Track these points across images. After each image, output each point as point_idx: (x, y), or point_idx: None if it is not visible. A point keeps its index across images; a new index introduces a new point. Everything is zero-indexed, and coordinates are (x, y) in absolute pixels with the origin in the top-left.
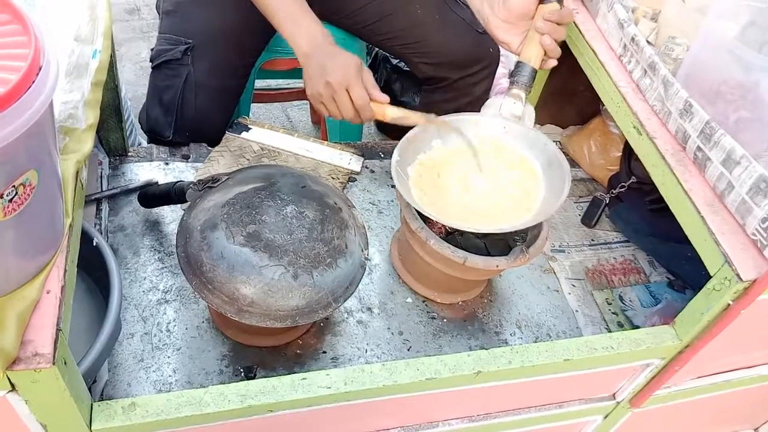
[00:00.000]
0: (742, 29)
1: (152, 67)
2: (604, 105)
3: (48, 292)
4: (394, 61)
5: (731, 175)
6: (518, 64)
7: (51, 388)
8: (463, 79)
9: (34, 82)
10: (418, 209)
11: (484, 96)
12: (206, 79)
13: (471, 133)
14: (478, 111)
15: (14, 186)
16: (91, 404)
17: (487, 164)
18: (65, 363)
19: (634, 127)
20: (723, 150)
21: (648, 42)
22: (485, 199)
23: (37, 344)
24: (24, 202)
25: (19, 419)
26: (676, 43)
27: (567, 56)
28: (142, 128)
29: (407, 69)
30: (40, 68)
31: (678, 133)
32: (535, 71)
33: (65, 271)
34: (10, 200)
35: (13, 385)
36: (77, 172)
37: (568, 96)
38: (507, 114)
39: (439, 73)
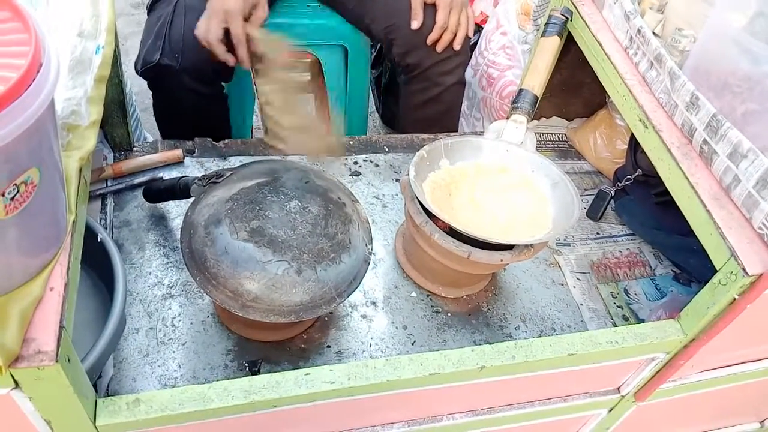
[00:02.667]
0: (749, 20)
1: (147, 12)
2: (609, 97)
3: (51, 290)
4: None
5: (738, 169)
6: (520, 91)
7: (54, 385)
8: (433, 68)
9: (34, 80)
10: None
11: (457, 87)
12: (197, 2)
13: (473, 158)
14: (452, 101)
15: (15, 184)
16: (96, 400)
17: (493, 186)
18: (68, 360)
19: (640, 120)
20: (730, 143)
21: (654, 34)
22: (497, 218)
23: (40, 342)
24: (26, 200)
25: (23, 416)
26: (683, 34)
27: (573, 48)
28: (137, 73)
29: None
30: (40, 66)
31: (684, 126)
32: (536, 98)
33: (68, 268)
34: (12, 198)
35: (16, 383)
36: (80, 169)
37: (574, 88)
38: (509, 139)
39: (412, 59)
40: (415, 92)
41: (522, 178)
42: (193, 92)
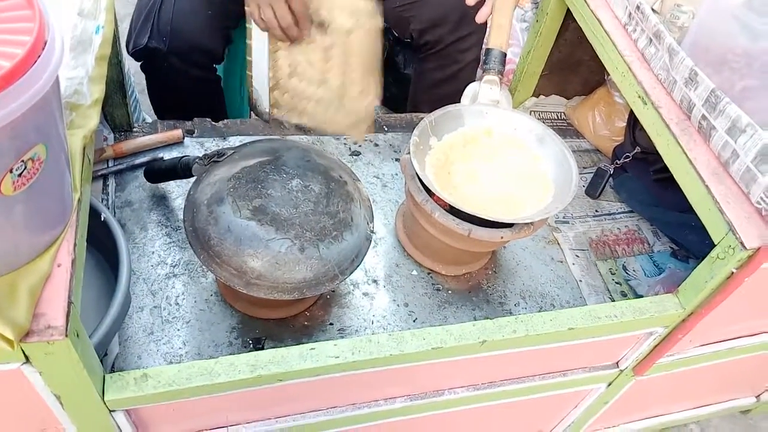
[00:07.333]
0: None
1: None
2: (608, 75)
3: (59, 266)
4: (396, 33)
5: (736, 144)
6: (487, 51)
7: (64, 359)
8: (453, 44)
9: (39, 56)
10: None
11: (474, 64)
12: None
13: (457, 128)
14: (468, 79)
15: (23, 160)
16: (104, 375)
17: (484, 152)
18: (77, 335)
19: (639, 97)
20: (728, 118)
21: (653, 10)
22: (498, 188)
23: (50, 317)
24: (33, 177)
25: (34, 390)
26: (682, 10)
27: (572, 25)
28: (128, 52)
29: (409, 41)
30: (45, 43)
31: (683, 102)
32: (504, 55)
33: (75, 245)
34: (20, 174)
35: (27, 357)
36: (84, 148)
37: (573, 66)
38: (485, 100)
39: (432, 36)
40: (431, 70)
41: (508, 138)
42: (184, 75)
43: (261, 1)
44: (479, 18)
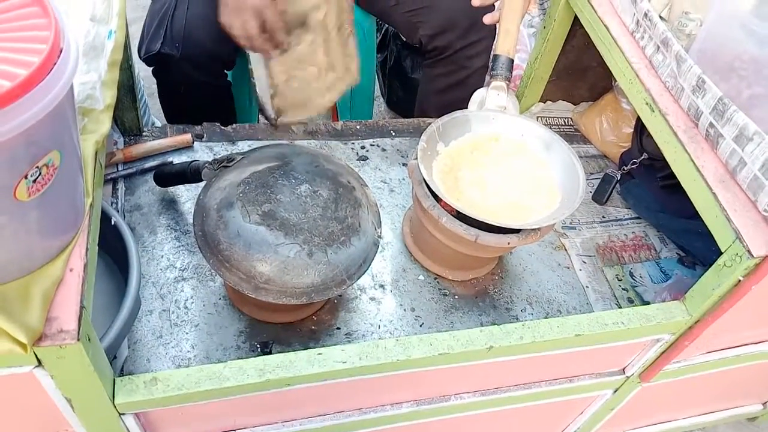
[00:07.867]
0: (756, 3)
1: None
2: (616, 81)
3: (71, 270)
4: (405, 38)
5: (743, 152)
6: (495, 57)
7: (76, 363)
8: (462, 50)
9: (55, 64)
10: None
11: (483, 70)
12: None
13: (464, 134)
14: (476, 85)
15: (38, 167)
16: (114, 379)
17: (491, 159)
18: (89, 339)
19: (647, 104)
20: (736, 126)
21: (661, 17)
22: (504, 195)
23: (62, 321)
24: (47, 183)
25: (45, 394)
26: (690, 18)
27: (579, 32)
28: (140, 58)
29: (418, 46)
30: (60, 51)
31: (690, 110)
32: (511, 61)
33: (87, 249)
34: (34, 181)
35: (39, 361)
36: (96, 153)
37: (580, 72)
38: (492, 106)
39: (441, 42)
40: (439, 76)
41: (515, 144)
42: (196, 81)
43: (232, 16)
44: (487, 19)
